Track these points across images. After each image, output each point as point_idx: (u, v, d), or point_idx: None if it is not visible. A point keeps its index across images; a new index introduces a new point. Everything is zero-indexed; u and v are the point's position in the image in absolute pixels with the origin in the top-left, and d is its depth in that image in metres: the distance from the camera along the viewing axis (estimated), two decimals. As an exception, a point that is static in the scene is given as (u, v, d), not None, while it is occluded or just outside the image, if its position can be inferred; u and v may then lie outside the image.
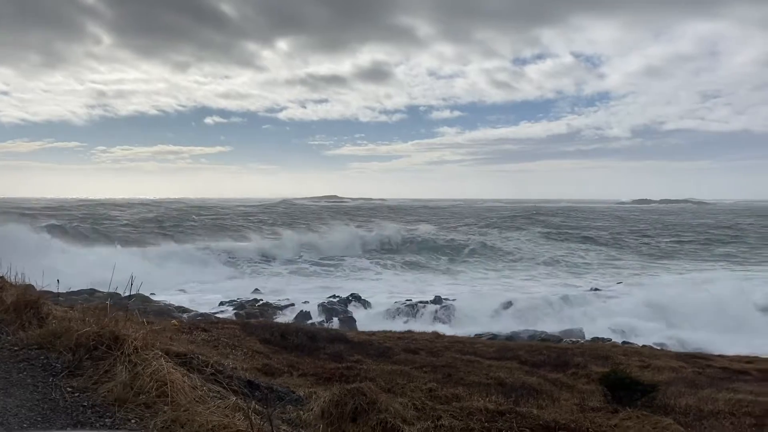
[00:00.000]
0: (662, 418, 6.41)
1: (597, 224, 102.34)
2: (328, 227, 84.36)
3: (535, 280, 47.54)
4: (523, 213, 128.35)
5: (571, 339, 22.90)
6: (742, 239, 77.32)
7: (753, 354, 17.83)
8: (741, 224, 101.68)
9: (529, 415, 5.94)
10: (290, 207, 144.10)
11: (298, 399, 6.14)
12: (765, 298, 34.74)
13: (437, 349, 12.95)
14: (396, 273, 49.83)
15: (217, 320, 14.83)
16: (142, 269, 38.62)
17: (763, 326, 30.17)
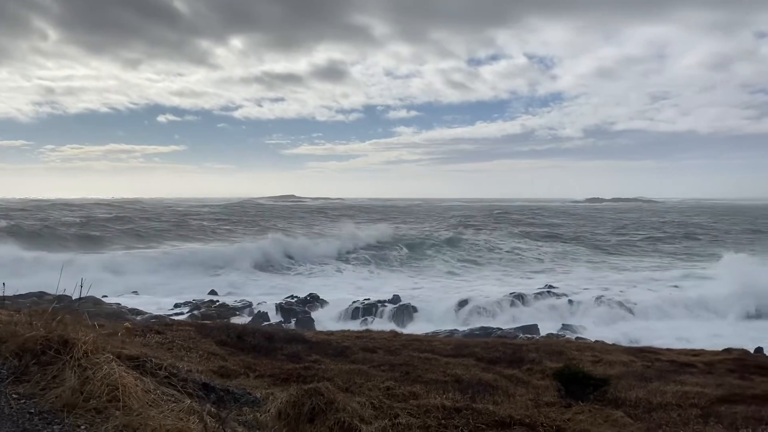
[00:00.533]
0: (613, 411, 6.59)
1: (554, 221, 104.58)
2: (290, 226, 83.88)
3: (494, 278, 48.21)
4: (483, 212, 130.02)
5: (526, 335, 23.30)
6: (694, 236, 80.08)
7: (699, 347, 18.48)
8: (692, 222, 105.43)
9: (485, 411, 6.02)
10: (254, 207, 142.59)
11: (255, 400, 6.08)
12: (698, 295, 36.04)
13: (395, 347, 13.00)
14: (355, 272, 49.82)
15: (172, 322, 14.55)
16: (94, 271, 37.65)
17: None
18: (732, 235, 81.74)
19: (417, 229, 77.99)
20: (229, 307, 30.65)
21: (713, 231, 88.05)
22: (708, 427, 6.30)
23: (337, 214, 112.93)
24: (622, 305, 32.37)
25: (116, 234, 65.40)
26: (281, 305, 31.55)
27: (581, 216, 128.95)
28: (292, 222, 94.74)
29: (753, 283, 39.82)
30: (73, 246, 55.35)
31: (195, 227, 77.59)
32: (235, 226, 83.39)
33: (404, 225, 78.30)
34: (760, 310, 32.61)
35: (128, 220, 79.33)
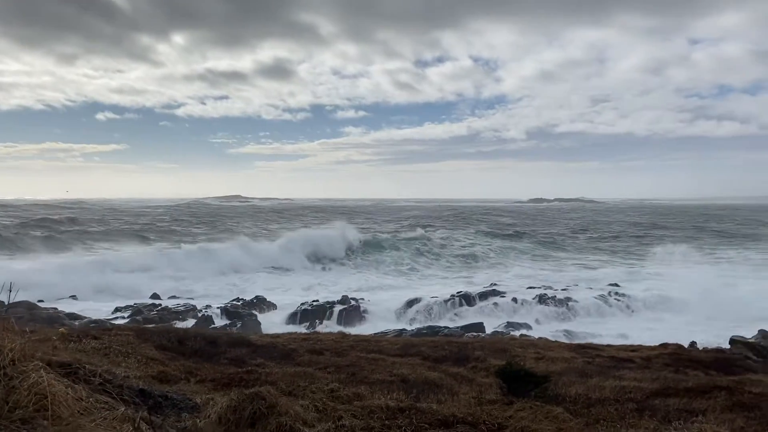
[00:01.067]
0: (553, 408, 6.72)
1: (504, 221, 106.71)
2: (238, 226, 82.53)
3: (443, 277, 48.72)
4: (435, 212, 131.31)
5: (472, 334, 23.60)
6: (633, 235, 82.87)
7: (637, 343, 19.11)
8: (635, 221, 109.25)
9: (428, 410, 6.05)
10: (202, 208, 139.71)
11: (195, 406, 5.94)
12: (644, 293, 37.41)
13: (342, 348, 12.94)
14: (305, 274, 49.43)
15: (111, 327, 14.09)
16: (30, 275, 36.13)
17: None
18: (670, 233, 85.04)
19: (370, 229, 78.08)
20: (171, 311, 29.92)
21: (654, 230, 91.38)
22: (643, 420, 6.50)
23: (291, 215, 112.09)
24: (564, 303, 33.19)
25: (61, 236, 63.06)
26: (226, 308, 31.01)
27: (529, 215, 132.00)
28: (240, 222, 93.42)
29: (688, 281, 41.49)
30: (7, 249, 53.05)
31: (142, 228, 75.54)
32: (183, 227, 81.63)
33: (356, 225, 78.12)
34: (694, 307, 34.01)
35: (73, 221, 76.50)
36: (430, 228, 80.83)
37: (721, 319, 30.90)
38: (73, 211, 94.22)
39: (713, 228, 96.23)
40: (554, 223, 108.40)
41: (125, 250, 56.06)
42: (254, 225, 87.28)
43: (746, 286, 40.59)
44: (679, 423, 6.16)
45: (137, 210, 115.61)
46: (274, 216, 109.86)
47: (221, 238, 65.19)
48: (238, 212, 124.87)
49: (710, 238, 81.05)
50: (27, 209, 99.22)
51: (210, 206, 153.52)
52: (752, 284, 41.04)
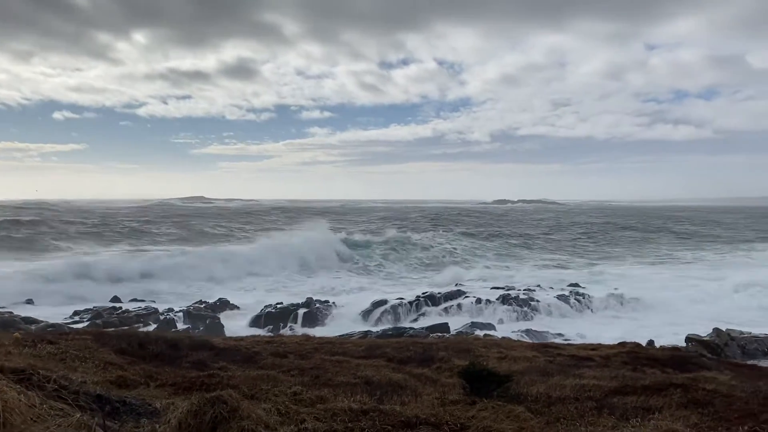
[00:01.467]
0: (515, 407, 6.80)
1: (472, 220, 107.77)
2: (199, 225, 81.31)
3: (410, 278, 48.87)
4: (403, 213, 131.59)
5: (437, 334, 23.73)
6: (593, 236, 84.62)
7: (597, 342, 19.48)
8: (599, 223, 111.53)
9: (391, 412, 6.06)
10: (168, 209, 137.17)
11: (154, 411, 5.83)
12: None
13: (306, 351, 12.87)
14: (272, 276, 48.91)
15: (69, 331, 13.76)
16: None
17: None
18: (630, 235, 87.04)
19: (340, 230, 77.84)
20: (132, 314, 29.34)
21: (615, 231, 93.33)
22: (602, 418, 6.63)
23: (258, 218, 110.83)
24: (527, 303, 33.65)
25: (22, 237, 61.27)
26: (189, 311, 30.56)
27: (496, 216, 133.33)
28: (205, 221, 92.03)
29: (647, 281, 42.49)
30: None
31: (109, 230, 73.74)
32: (148, 227, 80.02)
33: (326, 227, 77.82)
34: (653, 306, 34.86)
35: (36, 223, 74.08)
36: (403, 229, 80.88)
37: (677, 317, 31.73)
38: (35, 213, 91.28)
39: (671, 229, 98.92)
40: (521, 223, 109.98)
41: (92, 252, 54.80)
42: (219, 226, 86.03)
43: (701, 285, 41.81)
44: (636, 420, 6.30)
45: (102, 211, 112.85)
46: (245, 218, 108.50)
47: (191, 241, 64.25)
48: (204, 213, 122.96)
49: (668, 239, 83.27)
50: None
51: (175, 207, 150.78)
52: (707, 284, 42.29)
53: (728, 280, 43.09)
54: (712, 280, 43.81)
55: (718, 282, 42.75)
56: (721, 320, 27.47)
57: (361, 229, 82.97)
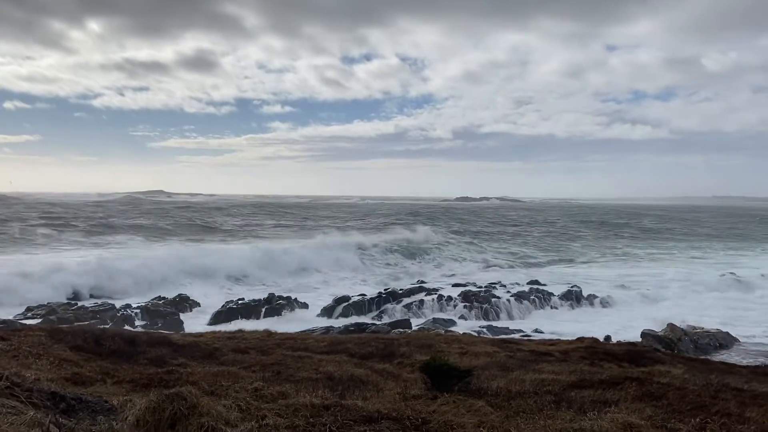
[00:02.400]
0: (476, 401, 6.88)
1: (440, 217, 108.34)
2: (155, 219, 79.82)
3: (373, 276, 48.78)
4: (387, 210, 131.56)
5: (399, 330, 23.82)
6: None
7: (556, 337, 19.84)
8: (555, 219, 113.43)
9: (353, 407, 6.06)
10: (134, 202, 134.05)
11: (111, 408, 5.71)
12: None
13: (268, 347, 12.78)
14: (231, 273, 48.16)
15: (22, 327, 13.36)
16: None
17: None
18: (590, 232, 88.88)
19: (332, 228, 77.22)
20: (89, 311, 28.62)
21: (574, 229, 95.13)
22: (560, 411, 6.75)
23: (237, 212, 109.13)
24: (488, 300, 34.03)
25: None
26: (147, 307, 29.99)
27: (465, 212, 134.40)
28: (161, 218, 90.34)
29: (604, 278, 43.45)
30: None
31: (68, 225, 71.59)
32: (105, 223, 77.99)
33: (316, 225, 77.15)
34: (609, 302, 35.65)
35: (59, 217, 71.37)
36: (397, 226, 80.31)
37: (634, 313, 32.53)
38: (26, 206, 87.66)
39: (631, 226, 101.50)
40: (488, 220, 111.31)
41: (43, 246, 53.27)
42: (172, 221, 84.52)
43: (656, 281, 42.97)
44: (593, 413, 6.43)
45: (71, 204, 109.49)
46: (217, 214, 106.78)
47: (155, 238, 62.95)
48: (195, 208, 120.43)
49: (626, 236, 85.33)
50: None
51: (147, 201, 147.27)
52: (662, 280, 43.49)
53: (679, 275, 44.48)
54: (668, 277, 45.01)
55: (672, 278, 44.02)
56: (677, 316, 28.24)
57: (364, 226, 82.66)
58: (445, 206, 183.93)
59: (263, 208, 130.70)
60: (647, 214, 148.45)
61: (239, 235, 68.82)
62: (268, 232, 74.09)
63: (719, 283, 41.05)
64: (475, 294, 34.71)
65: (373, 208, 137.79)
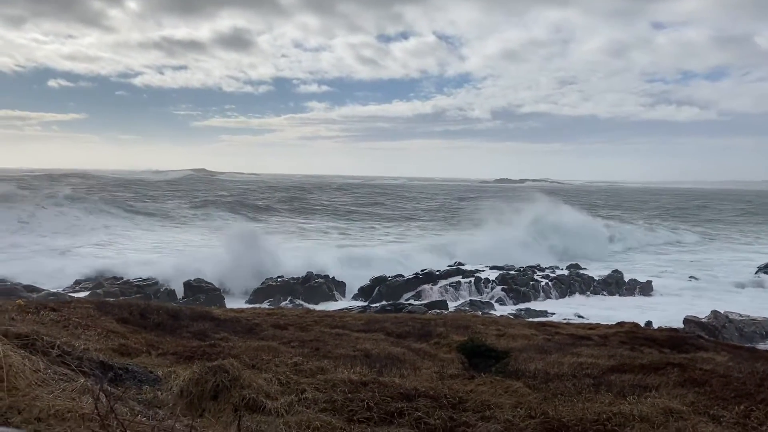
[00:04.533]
0: (513, 382, 6.86)
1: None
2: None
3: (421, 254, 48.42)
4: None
5: (435, 311, 23.87)
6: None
7: (596, 321, 19.59)
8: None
9: (391, 384, 6.11)
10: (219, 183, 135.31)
11: (156, 379, 5.89)
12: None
13: (307, 323, 12.96)
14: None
15: (70, 299, 13.84)
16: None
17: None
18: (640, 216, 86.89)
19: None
20: (133, 285, 29.48)
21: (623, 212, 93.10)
22: (599, 394, 6.68)
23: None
24: (526, 282, 33.76)
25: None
26: (190, 283, 30.70)
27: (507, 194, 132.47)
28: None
29: (644, 265, 42.53)
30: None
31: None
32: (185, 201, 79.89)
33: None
34: (645, 288, 34.97)
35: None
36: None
37: (675, 299, 31.87)
38: (85, 182, 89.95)
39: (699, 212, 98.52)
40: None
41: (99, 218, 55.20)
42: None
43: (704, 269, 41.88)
44: (633, 397, 6.35)
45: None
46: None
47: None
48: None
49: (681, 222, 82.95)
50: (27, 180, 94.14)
51: (214, 180, 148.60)
52: (711, 267, 42.36)
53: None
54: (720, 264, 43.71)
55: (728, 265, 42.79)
56: (721, 303, 27.55)
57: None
58: (493, 188, 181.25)
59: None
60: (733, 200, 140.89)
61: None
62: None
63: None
64: (513, 277, 34.45)
65: (431, 190, 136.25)
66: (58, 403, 3.91)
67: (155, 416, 4.33)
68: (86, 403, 3.85)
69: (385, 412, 5.29)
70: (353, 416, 5.16)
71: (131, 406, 4.73)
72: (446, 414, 5.36)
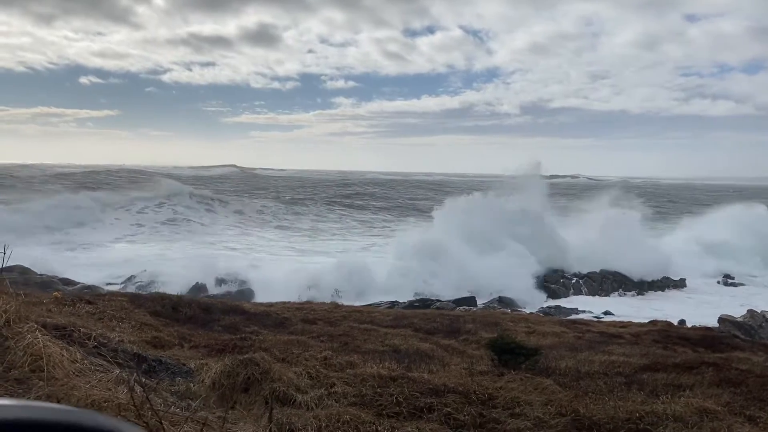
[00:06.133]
0: (543, 380, 6.81)
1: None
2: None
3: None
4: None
5: (464, 307, 23.77)
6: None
7: (627, 320, 19.31)
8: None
9: (420, 379, 6.12)
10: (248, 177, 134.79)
11: (189, 371, 5.99)
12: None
13: (335, 318, 13.05)
14: (295, 243, 49.30)
15: (105, 292, 14.15)
16: (26, 241, 36.09)
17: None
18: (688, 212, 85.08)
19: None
20: (161, 278, 29.94)
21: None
22: (631, 393, 6.60)
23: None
24: (557, 280, 33.39)
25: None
26: (220, 276, 31.06)
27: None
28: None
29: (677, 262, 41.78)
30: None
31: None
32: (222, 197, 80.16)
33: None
34: (678, 286, 34.29)
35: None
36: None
37: (711, 298, 31.23)
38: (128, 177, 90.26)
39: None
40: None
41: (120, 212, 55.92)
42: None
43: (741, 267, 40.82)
44: (666, 397, 6.25)
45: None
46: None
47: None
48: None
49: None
50: (87, 175, 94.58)
51: (253, 175, 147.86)
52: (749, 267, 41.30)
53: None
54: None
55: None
56: (757, 302, 26.89)
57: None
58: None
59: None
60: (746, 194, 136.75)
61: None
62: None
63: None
64: (543, 274, 34.10)
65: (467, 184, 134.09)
66: (95, 392, 4.00)
67: (188, 407, 4.40)
68: (122, 394, 3.93)
69: (414, 407, 5.30)
70: (382, 411, 5.18)
71: (165, 398, 4.82)
72: (476, 410, 5.35)
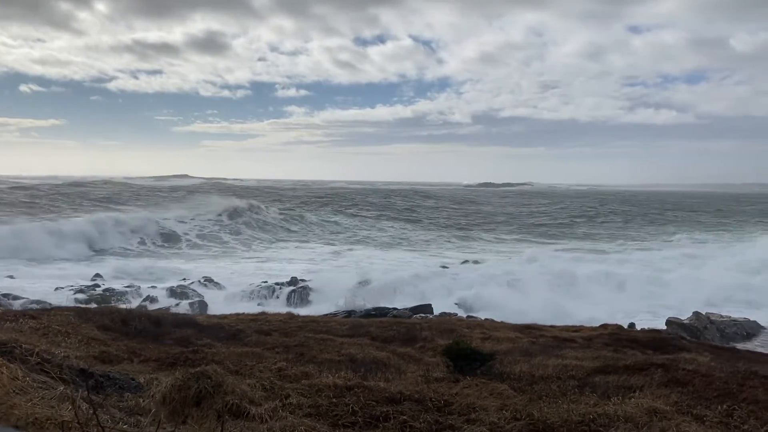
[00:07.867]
0: (498, 385, 6.88)
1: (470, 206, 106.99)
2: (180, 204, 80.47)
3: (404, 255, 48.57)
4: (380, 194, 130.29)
5: (420, 315, 23.84)
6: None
7: (579, 324, 19.69)
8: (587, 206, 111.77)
9: (376, 388, 6.09)
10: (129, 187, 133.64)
11: (138, 386, 5.82)
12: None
13: (291, 329, 12.90)
14: (251, 255, 48.74)
15: (50, 307, 13.64)
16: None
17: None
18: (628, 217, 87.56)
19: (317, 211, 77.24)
20: (115, 291, 29.12)
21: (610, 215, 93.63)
22: (584, 396, 6.71)
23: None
24: (513, 285, 33.84)
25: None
26: (172, 289, 30.39)
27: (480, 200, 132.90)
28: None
29: (630, 264, 42.89)
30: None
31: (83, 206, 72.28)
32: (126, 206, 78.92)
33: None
34: (635, 288, 35.19)
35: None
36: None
37: (658, 301, 32.11)
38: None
39: (669, 213, 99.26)
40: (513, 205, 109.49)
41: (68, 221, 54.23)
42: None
43: (688, 267, 42.18)
44: (617, 398, 6.38)
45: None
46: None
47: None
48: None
49: (662, 224, 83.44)
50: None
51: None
52: (694, 267, 42.67)
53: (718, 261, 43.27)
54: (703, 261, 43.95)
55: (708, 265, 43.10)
56: (703, 303, 27.78)
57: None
58: (466, 192, 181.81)
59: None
60: (685, 201, 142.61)
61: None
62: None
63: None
64: (496, 278, 34.50)
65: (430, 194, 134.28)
66: (37, 411, 3.85)
67: (137, 423, 4.27)
68: (66, 411, 3.79)
69: (370, 417, 5.26)
70: (338, 421, 5.13)
71: (112, 414, 4.66)
72: (432, 417, 5.35)
